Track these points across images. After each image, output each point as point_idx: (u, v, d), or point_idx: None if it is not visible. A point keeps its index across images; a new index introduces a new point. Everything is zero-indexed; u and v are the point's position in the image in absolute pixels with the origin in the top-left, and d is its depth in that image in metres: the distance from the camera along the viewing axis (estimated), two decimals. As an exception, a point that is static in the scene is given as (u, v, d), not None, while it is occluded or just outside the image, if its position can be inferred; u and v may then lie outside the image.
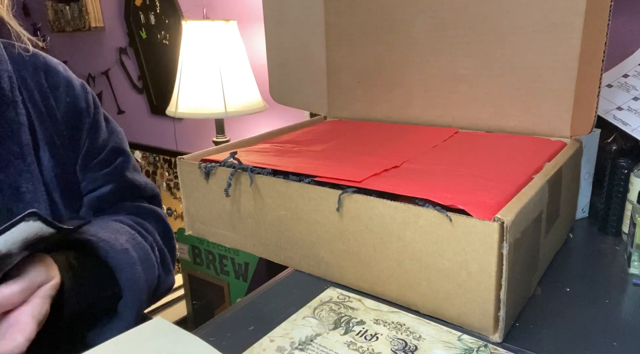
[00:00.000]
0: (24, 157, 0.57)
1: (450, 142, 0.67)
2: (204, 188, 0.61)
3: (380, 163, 0.57)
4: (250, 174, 0.56)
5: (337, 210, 0.51)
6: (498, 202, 0.45)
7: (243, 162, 0.58)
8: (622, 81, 0.73)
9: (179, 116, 1.48)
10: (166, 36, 1.98)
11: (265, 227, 0.58)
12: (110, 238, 0.58)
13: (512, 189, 0.48)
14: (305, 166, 0.57)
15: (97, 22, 2.20)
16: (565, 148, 0.61)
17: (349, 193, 0.50)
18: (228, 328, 0.49)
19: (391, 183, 0.50)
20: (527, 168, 0.54)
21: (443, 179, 0.52)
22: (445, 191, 0.47)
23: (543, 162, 0.56)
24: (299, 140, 0.71)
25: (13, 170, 0.56)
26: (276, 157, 0.62)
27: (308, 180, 0.54)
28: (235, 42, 1.46)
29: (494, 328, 0.44)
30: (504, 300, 0.43)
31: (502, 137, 0.68)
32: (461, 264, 0.44)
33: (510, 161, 0.58)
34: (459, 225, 0.43)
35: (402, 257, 0.48)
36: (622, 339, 0.46)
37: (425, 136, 0.70)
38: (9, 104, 0.57)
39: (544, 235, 0.53)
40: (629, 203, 0.63)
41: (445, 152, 0.63)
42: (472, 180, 0.51)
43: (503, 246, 0.41)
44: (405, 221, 0.47)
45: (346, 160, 0.60)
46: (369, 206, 0.49)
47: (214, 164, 0.59)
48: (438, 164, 0.58)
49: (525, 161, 0.57)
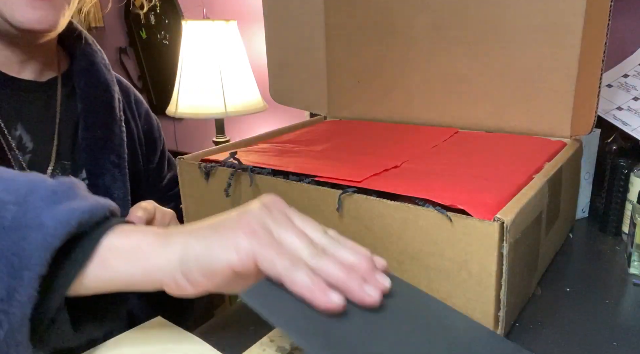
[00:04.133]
0: (120, 167, 0.67)
1: (450, 142, 0.67)
2: (204, 188, 0.61)
3: (380, 164, 0.57)
4: (250, 174, 0.56)
5: (337, 210, 0.51)
6: (498, 202, 0.45)
7: (243, 162, 0.58)
8: (622, 81, 0.74)
9: (179, 116, 1.48)
10: (166, 36, 1.98)
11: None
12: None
13: (512, 189, 0.48)
14: (305, 166, 0.57)
15: (97, 22, 2.20)
16: (565, 148, 0.61)
17: (349, 193, 0.49)
18: (228, 328, 0.49)
19: (391, 183, 0.50)
20: (527, 168, 0.54)
21: (443, 179, 0.52)
22: (445, 191, 0.47)
23: (543, 162, 0.56)
24: (298, 140, 0.71)
25: (110, 178, 0.65)
26: (276, 156, 0.62)
27: (308, 180, 0.54)
28: (235, 42, 1.47)
29: (493, 328, 0.44)
30: (503, 301, 0.43)
31: (502, 137, 0.68)
32: (461, 264, 0.44)
33: (510, 161, 0.58)
34: (459, 225, 0.43)
35: (402, 257, 0.48)
36: (622, 339, 0.46)
37: (425, 136, 0.71)
38: (117, 122, 0.68)
39: (544, 235, 0.53)
40: (629, 203, 0.63)
41: (445, 152, 0.63)
42: (472, 180, 0.51)
43: (503, 246, 0.41)
44: (405, 221, 0.46)
45: (346, 160, 0.60)
46: (369, 207, 0.49)
47: (214, 164, 0.59)
48: (438, 164, 0.58)
49: (525, 161, 0.57)
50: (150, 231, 0.38)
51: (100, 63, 0.69)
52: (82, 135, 0.65)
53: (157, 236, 0.37)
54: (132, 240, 0.37)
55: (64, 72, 0.67)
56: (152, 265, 0.36)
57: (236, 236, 0.35)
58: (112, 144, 0.67)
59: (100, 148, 0.66)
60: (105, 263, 0.36)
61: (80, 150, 0.65)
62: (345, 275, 0.35)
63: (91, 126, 0.65)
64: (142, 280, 0.36)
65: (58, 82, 0.66)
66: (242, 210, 0.38)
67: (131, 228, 0.38)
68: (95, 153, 0.65)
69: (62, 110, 0.65)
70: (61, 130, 0.65)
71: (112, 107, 0.68)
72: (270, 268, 0.34)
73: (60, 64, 0.67)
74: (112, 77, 0.70)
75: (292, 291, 0.34)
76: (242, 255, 0.34)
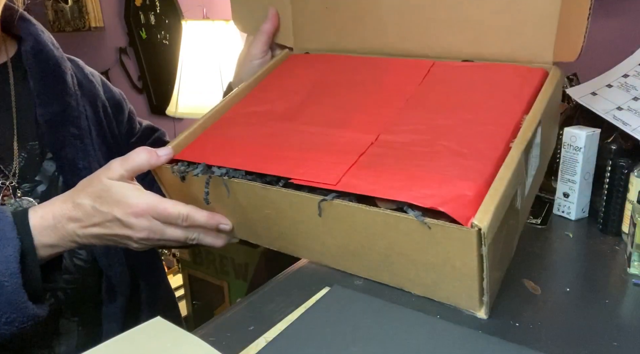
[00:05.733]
0: (81, 138, 0.68)
1: (427, 84, 0.63)
2: (183, 189, 0.60)
3: (355, 142, 0.55)
4: (225, 184, 0.55)
5: (318, 215, 0.51)
6: (477, 192, 0.45)
7: (214, 163, 0.56)
8: (622, 81, 0.73)
9: (179, 116, 1.48)
10: (166, 36, 1.98)
11: (254, 222, 0.58)
12: None
13: (490, 168, 0.48)
14: (278, 163, 0.54)
15: (97, 22, 2.20)
16: (546, 82, 0.59)
17: (328, 200, 0.49)
18: (228, 328, 0.49)
19: (368, 181, 0.49)
20: (512, 116, 0.53)
21: (422, 162, 0.50)
22: (424, 185, 0.46)
23: (525, 101, 0.55)
24: (265, 100, 0.67)
25: (72, 149, 0.67)
26: (245, 145, 0.59)
27: (282, 183, 0.53)
28: (235, 42, 1.47)
29: (479, 307, 0.49)
30: (486, 288, 0.46)
31: (481, 69, 0.63)
32: (445, 260, 0.46)
33: (493, 106, 0.56)
34: (437, 231, 0.44)
35: (389, 252, 0.49)
36: (622, 339, 0.46)
37: (400, 76, 0.65)
38: (72, 95, 0.69)
39: (520, 200, 0.52)
40: (629, 203, 0.63)
41: (422, 109, 0.59)
42: (450, 160, 0.50)
43: (482, 248, 0.43)
44: (386, 224, 0.47)
45: (318, 140, 0.57)
46: (350, 212, 0.49)
47: (186, 168, 0.58)
48: (415, 133, 0.55)
49: (509, 103, 0.55)
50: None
51: (47, 41, 0.69)
52: (39, 112, 0.66)
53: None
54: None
55: (12, 56, 0.68)
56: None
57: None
58: (70, 117, 0.68)
59: (58, 122, 0.67)
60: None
61: (42, 128, 0.66)
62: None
63: (47, 102, 0.66)
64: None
65: (9, 67, 0.67)
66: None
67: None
68: (55, 128, 0.66)
69: (16, 94, 0.66)
70: (19, 114, 0.66)
71: (65, 81, 0.68)
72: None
73: (8, 49, 0.68)
74: (61, 54, 0.70)
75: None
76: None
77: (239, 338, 0.47)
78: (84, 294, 0.68)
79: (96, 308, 0.70)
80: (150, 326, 0.45)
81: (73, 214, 0.53)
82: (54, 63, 0.68)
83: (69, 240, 0.53)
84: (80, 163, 0.67)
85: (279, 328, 0.48)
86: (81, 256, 0.67)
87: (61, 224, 0.53)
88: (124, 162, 0.54)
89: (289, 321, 0.49)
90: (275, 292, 0.55)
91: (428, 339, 0.45)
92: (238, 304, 0.53)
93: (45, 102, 0.66)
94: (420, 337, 0.45)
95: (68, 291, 0.66)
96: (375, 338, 0.45)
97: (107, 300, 0.70)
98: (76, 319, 0.68)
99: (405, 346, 0.44)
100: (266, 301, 0.53)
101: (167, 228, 0.54)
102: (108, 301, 0.70)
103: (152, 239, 0.54)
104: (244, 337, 0.47)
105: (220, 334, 0.48)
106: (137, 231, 0.52)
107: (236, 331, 0.48)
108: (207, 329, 0.49)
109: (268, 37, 0.75)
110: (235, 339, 0.47)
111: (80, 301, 0.68)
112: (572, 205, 0.70)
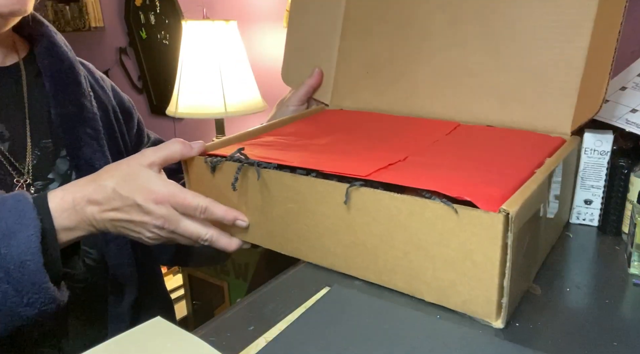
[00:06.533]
0: (97, 139, 0.69)
1: (452, 136, 0.67)
2: (209, 182, 0.61)
3: (385, 157, 0.57)
4: (257, 168, 0.56)
5: (344, 203, 0.51)
6: (502, 195, 0.46)
7: (249, 157, 0.58)
8: (638, 81, 0.71)
9: (179, 116, 1.48)
10: (166, 36, 1.98)
11: (272, 219, 0.59)
12: None
13: (515, 183, 0.49)
14: (310, 160, 0.57)
15: (97, 22, 2.20)
16: (564, 145, 0.62)
17: (357, 186, 0.50)
18: (228, 328, 0.49)
19: (397, 175, 0.51)
20: (529, 163, 0.55)
21: (448, 172, 0.52)
22: (451, 183, 0.48)
23: (544, 158, 0.57)
24: (302, 132, 0.71)
25: (89, 150, 0.68)
26: (281, 150, 0.62)
27: (314, 174, 0.54)
28: (235, 42, 1.47)
29: (496, 315, 0.46)
30: (507, 288, 0.45)
31: (503, 132, 0.68)
32: (466, 254, 0.45)
33: (511, 155, 0.58)
34: (464, 217, 0.44)
35: (408, 247, 0.49)
36: (622, 339, 0.46)
37: (426, 129, 0.71)
38: (87, 96, 0.70)
39: (543, 228, 0.53)
40: (629, 203, 0.63)
41: (448, 146, 0.63)
42: (476, 174, 0.52)
43: (508, 236, 0.43)
44: (411, 213, 0.47)
45: (350, 153, 0.60)
46: (376, 199, 0.49)
47: (220, 158, 0.60)
48: (442, 158, 0.58)
49: (527, 156, 0.58)
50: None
51: (61, 43, 0.70)
52: (54, 112, 0.67)
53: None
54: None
55: (24, 56, 0.69)
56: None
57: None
58: (86, 117, 0.68)
59: (74, 122, 0.67)
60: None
61: (56, 127, 0.67)
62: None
63: (62, 102, 0.67)
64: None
65: (21, 66, 0.68)
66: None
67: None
68: (70, 127, 0.67)
69: (29, 93, 0.67)
70: (32, 112, 0.67)
71: (79, 83, 0.69)
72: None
73: (19, 50, 0.69)
74: (74, 56, 0.72)
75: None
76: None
77: (239, 338, 0.47)
78: (93, 293, 0.68)
79: (103, 308, 0.70)
80: (150, 326, 0.45)
81: (93, 197, 0.53)
82: (69, 64, 0.69)
83: (87, 223, 0.54)
84: (97, 164, 0.68)
85: (279, 328, 0.48)
86: (91, 256, 0.68)
87: (80, 206, 0.53)
88: (157, 150, 0.55)
89: (289, 321, 0.49)
90: (275, 292, 0.55)
91: (428, 340, 0.45)
92: (238, 305, 0.53)
93: (60, 103, 0.67)
94: (420, 337, 0.45)
95: (77, 291, 0.66)
96: (375, 338, 0.45)
97: (113, 301, 0.70)
98: (84, 319, 0.68)
99: (405, 346, 0.44)
100: (266, 301, 0.53)
101: (182, 219, 0.54)
102: (115, 301, 0.70)
103: (166, 229, 0.54)
104: (244, 337, 0.47)
105: (220, 334, 0.48)
106: (154, 218, 0.53)
107: (236, 331, 0.48)
108: (207, 329, 0.49)
109: (309, 91, 0.83)
110: (235, 339, 0.47)
111: (89, 300, 0.68)
112: (595, 212, 0.68)
